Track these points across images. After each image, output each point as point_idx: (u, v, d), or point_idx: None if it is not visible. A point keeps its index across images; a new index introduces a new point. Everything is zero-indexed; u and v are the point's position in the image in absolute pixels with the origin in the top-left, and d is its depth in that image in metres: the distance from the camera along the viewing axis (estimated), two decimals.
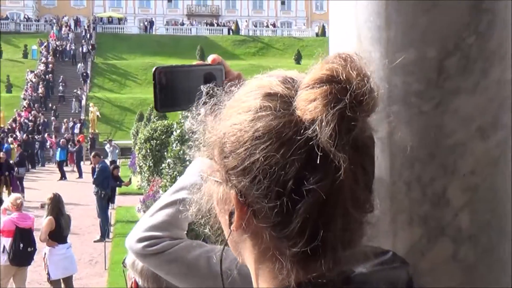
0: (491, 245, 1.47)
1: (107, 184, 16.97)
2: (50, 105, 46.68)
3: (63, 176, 29.26)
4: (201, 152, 1.02)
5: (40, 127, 41.56)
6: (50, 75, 50.54)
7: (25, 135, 36.38)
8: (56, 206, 10.39)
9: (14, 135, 35.97)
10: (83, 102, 48.04)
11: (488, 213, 1.46)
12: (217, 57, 1.50)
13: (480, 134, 1.43)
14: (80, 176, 29.50)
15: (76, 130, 42.01)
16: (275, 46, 65.89)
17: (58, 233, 10.29)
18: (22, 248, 10.09)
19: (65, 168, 30.45)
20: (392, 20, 1.42)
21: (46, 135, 39.32)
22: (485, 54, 1.43)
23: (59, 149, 31.34)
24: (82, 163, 31.57)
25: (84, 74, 52.27)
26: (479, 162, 1.44)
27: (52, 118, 44.02)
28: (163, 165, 17.37)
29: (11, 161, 23.53)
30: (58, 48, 56.87)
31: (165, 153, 18.52)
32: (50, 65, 52.25)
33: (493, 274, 1.48)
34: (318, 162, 0.87)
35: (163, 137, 20.75)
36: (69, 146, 33.32)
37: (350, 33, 1.50)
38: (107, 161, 21.95)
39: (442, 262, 1.44)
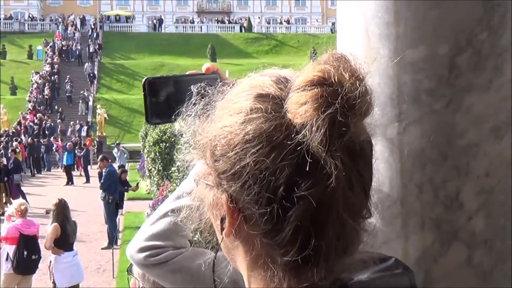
0: (507, 249, 1.43)
1: (115, 189, 16.68)
2: (56, 107, 46.34)
3: (70, 181, 29.19)
4: (192, 154, 1.00)
5: (46, 131, 41.46)
6: (56, 76, 50.15)
7: (30, 138, 36.29)
8: (61, 212, 10.30)
9: (19, 139, 35.87)
10: (90, 103, 47.75)
11: (503, 216, 1.43)
12: (211, 66, 1.48)
13: (494, 134, 1.40)
14: (88, 181, 29.32)
15: (83, 133, 41.55)
16: (290, 43, 63.95)
17: (64, 240, 10.20)
18: (26, 256, 10.04)
19: (72, 173, 30.37)
20: (401, 15, 1.39)
21: (52, 138, 39.29)
22: (497, 51, 1.40)
23: (66, 153, 31.29)
24: (89, 167, 31.45)
25: (91, 74, 51.81)
26: (493, 163, 1.41)
27: (58, 121, 43.73)
28: (173, 168, 17.22)
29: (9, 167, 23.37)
30: (64, 48, 56.39)
31: (175, 156, 18.36)
32: (56, 66, 51.80)
33: (510, 281, 1.44)
34: (308, 168, 0.85)
35: (173, 139, 20.42)
36: (76, 150, 33.27)
37: (358, 30, 1.47)
38: (115, 166, 21.76)
39: (455, 267, 1.41)
